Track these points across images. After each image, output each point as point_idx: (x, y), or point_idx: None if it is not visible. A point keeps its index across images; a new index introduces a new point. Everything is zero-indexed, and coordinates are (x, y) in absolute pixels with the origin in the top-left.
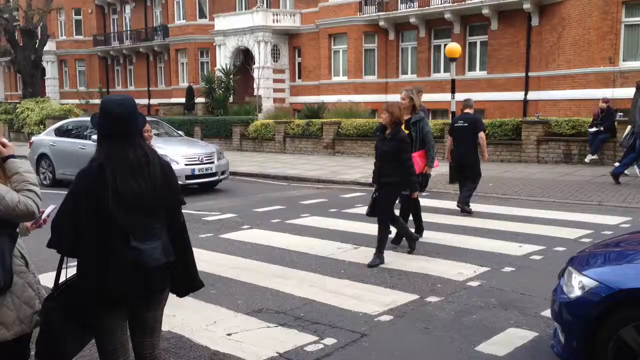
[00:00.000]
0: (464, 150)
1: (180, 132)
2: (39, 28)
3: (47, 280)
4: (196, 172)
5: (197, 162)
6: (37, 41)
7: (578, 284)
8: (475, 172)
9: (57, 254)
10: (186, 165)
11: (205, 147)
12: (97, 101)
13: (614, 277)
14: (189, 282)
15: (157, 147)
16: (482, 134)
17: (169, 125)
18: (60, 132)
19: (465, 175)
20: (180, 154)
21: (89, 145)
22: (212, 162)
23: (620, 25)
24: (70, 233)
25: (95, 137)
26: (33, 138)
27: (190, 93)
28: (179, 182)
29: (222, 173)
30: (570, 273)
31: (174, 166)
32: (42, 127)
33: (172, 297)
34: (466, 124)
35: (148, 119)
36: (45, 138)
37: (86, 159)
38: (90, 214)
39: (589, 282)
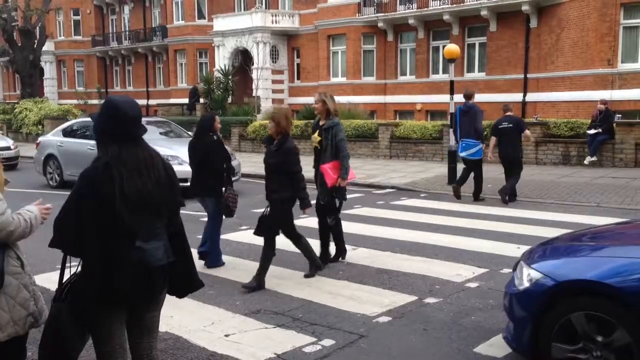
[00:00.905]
0: (510, 147)
1: (189, 133)
2: (37, 28)
3: (43, 280)
4: None
5: None
6: (36, 41)
7: (527, 276)
8: (519, 166)
9: (54, 255)
10: None
11: None
12: (96, 101)
13: (558, 270)
14: (188, 282)
15: (164, 148)
16: (527, 131)
17: (177, 125)
18: (67, 132)
19: (511, 170)
20: None
21: None
22: None
23: (619, 27)
24: (72, 233)
25: None
26: (40, 138)
27: (194, 93)
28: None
29: (234, 175)
30: (521, 267)
31: (186, 168)
32: (40, 127)
33: (170, 298)
34: (511, 125)
35: (155, 119)
36: (53, 139)
37: None
38: (94, 214)
39: (536, 275)
